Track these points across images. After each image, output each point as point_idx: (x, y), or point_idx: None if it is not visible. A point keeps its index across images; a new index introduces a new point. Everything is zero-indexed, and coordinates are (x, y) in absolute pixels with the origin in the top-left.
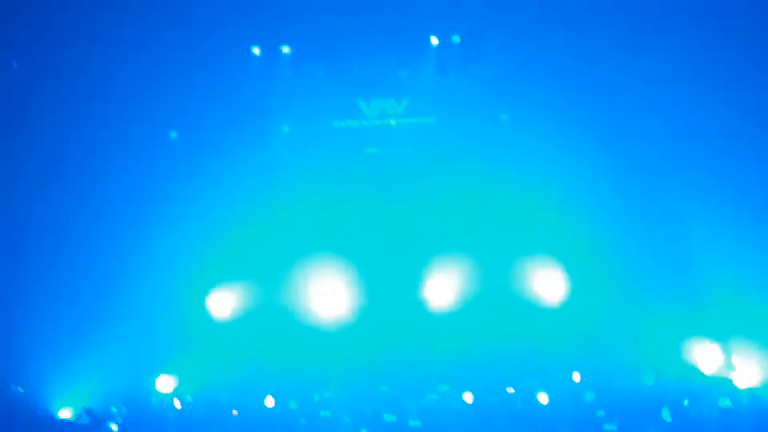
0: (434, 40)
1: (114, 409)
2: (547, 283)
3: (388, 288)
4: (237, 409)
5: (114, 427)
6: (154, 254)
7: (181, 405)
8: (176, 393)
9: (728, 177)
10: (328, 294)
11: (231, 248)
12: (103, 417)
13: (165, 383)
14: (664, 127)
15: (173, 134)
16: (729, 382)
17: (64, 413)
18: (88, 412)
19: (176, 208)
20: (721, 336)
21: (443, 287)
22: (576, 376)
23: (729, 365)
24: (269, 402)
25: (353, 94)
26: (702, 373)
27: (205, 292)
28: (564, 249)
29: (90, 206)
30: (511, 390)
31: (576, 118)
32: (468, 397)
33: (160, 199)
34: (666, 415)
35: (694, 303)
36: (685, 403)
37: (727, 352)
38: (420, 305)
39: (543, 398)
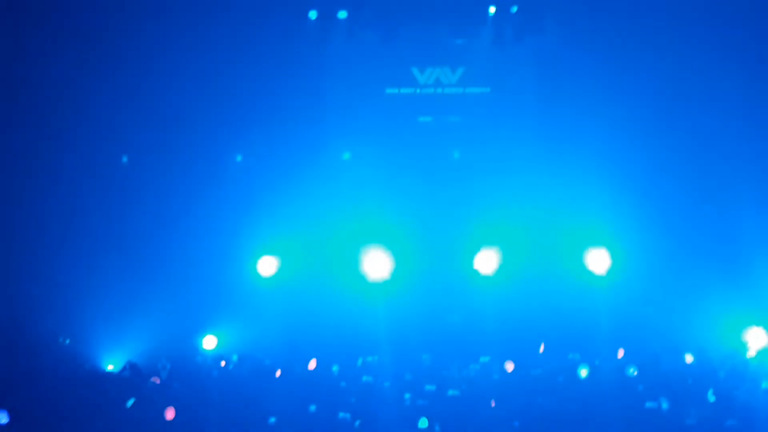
0: (492, 10)
1: (158, 365)
2: (595, 258)
3: (436, 256)
4: (281, 371)
5: (156, 380)
6: (202, 215)
7: (226, 365)
8: (221, 353)
9: None
10: (375, 260)
11: (280, 212)
12: (146, 372)
13: (210, 343)
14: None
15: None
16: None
17: (109, 366)
18: (132, 366)
19: (225, 172)
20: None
21: (491, 258)
22: (620, 353)
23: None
24: (312, 365)
25: (408, 61)
26: (747, 356)
27: (254, 255)
28: (613, 225)
29: (139, 167)
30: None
31: (627, 96)
32: (509, 366)
33: (208, 162)
34: (710, 395)
35: (742, 284)
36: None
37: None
38: (468, 275)
39: (583, 372)
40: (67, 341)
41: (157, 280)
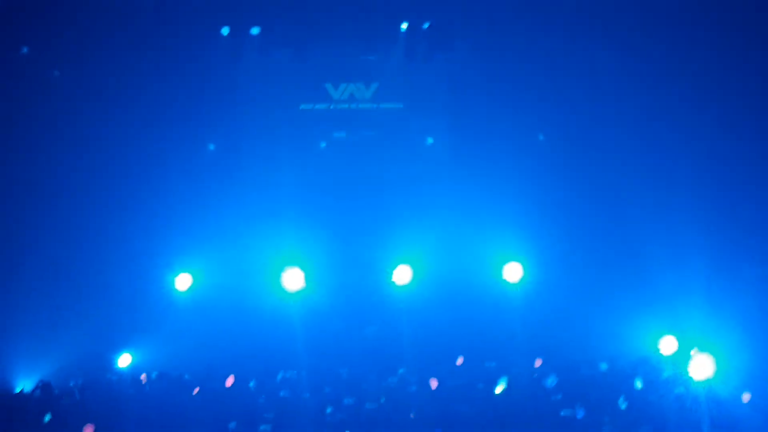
0: (404, 26)
1: (71, 384)
2: (510, 269)
3: (352, 270)
4: (198, 388)
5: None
6: (117, 233)
7: (143, 382)
8: (137, 370)
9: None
10: (291, 276)
11: (195, 228)
12: (60, 391)
13: (125, 360)
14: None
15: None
16: (684, 370)
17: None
18: (44, 386)
19: (139, 187)
20: (678, 326)
21: (408, 271)
22: (538, 362)
23: (684, 354)
24: (229, 381)
25: (322, 77)
26: (659, 362)
27: (169, 271)
28: (528, 236)
29: (50, 180)
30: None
31: (536, 110)
32: (433, 383)
33: (122, 178)
34: (622, 402)
35: (654, 293)
36: (639, 385)
37: (683, 343)
38: (384, 288)
39: (499, 389)
40: None
41: (71, 296)
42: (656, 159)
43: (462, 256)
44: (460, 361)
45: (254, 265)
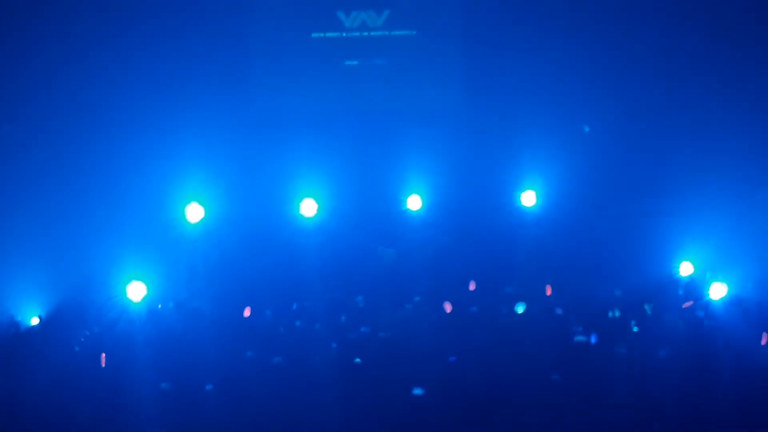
0: None
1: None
2: (527, 197)
3: (367, 199)
4: (213, 318)
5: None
6: (127, 160)
7: (159, 312)
8: (151, 301)
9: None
10: (307, 205)
11: (208, 158)
12: (74, 323)
13: (140, 291)
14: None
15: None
16: (698, 292)
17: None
18: (55, 317)
19: (150, 118)
20: (691, 248)
21: (418, 198)
22: (548, 290)
23: (698, 276)
24: (246, 311)
25: (333, 5)
26: (672, 284)
27: (181, 202)
28: (543, 163)
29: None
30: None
31: (555, 38)
32: (448, 307)
33: (135, 109)
34: (634, 326)
35: (670, 218)
36: (650, 310)
37: (696, 264)
38: (398, 217)
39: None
40: None
41: (81, 227)
42: (674, 84)
43: (477, 183)
44: (472, 286)
45: (268, 194)
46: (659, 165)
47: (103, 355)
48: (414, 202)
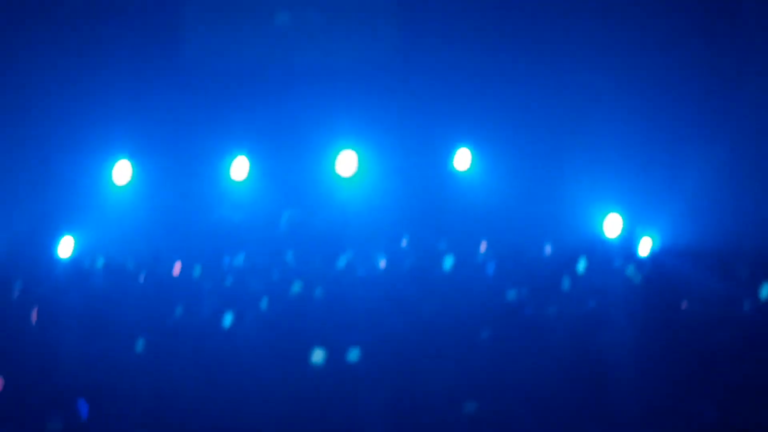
0: None
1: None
2: (460, 156)
3: (300, 158)
4: (143, 275)
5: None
6: (56, 118)
7: (89, 269)
8: (79, 258)
9: None
10: (238, 164)
11: (137, 115)
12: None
13: (67, 247)
14: None
15: None
16: (629, 250)
17: None
18: None
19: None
20: (622, 204)
21: (353, 158)
22: (483, 246)
23: (628, 233)
24: (176, 269)
25: None
26: (603, 242)
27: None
28: (475, 122)
29: None
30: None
31: None
32: (381, 264)
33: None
34: (566, 282)
35: (599, 172)
36: (581, 268)
37: (627, 221)
38: (332, 174)
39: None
40: None
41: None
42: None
43: (409, 143)
44: (404, 243)
45: (198, 153)
46: (585, 117)
47: (35, 310)
48: (346, 162)
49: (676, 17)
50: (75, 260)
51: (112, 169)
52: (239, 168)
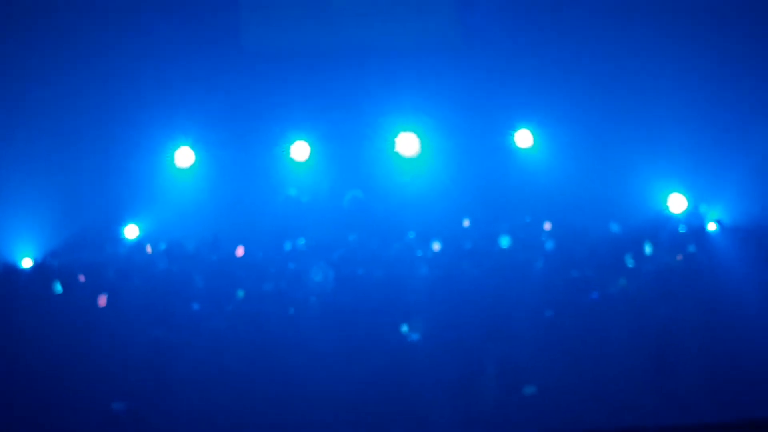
0: None
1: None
2: (522, 136)
3: (358, 139)
4: (206, 259)
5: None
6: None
7: (149, 253)
8: (144, 241)
9: None
10: (299, 147)
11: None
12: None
13: (132, 233)
14: None
15: None
16: (693, 227)
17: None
18: (51, 259)
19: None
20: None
21: (412, 139)
22: (547, 225)
23: (692, 210)
24: (239, 251)
25: None
26: (667, 219)
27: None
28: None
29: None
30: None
31: None
32: (435, 246)
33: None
34: (630, 261)
35: (663, 152)
36: (648, 249)
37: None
38: (389, 156)
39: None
40: None
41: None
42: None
43: (470, 123)
44: (466, 223)
45: (260, 137)
46: (649, 98)
47: (103, 296)
48: (407, 144)
49: None
50: (139, 244)
51: (174, 154)
52: (300, 150)
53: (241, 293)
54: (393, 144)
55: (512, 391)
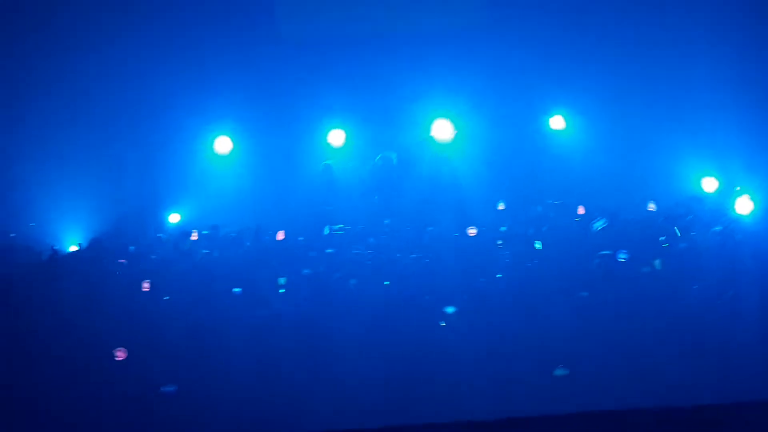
0: None
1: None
2: (556, 121)
3: (393, 125)
4: (247, 243)
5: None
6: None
7: (194, 239)
8: (186, 228)
9: None
10: (335, 134)
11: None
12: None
13: (174, 219)
14: None
15: None
16: (728, 208)
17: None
18: (96, 244)
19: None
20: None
21: (446, 124)
22: (580, 209)
23: (726, 191)
24: (279, 235)
25: None
26: (700, 199)
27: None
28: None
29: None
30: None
31: None
32: (472, 231)
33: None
34: (665, 242)
35: (696, 134)
36: (678, 231)
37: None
38: (424, 142)
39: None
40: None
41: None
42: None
43: (503, 109)
44: (501, 207)
45: (298, 125)
46: (683, 81)
47: (147, 282)
48: (442, 129)
49: None
50: (180, 230)
51: (213, 143)
52: (336, 136)
53: (282, 280)
54: (428, 129)
55: (547, 371)
